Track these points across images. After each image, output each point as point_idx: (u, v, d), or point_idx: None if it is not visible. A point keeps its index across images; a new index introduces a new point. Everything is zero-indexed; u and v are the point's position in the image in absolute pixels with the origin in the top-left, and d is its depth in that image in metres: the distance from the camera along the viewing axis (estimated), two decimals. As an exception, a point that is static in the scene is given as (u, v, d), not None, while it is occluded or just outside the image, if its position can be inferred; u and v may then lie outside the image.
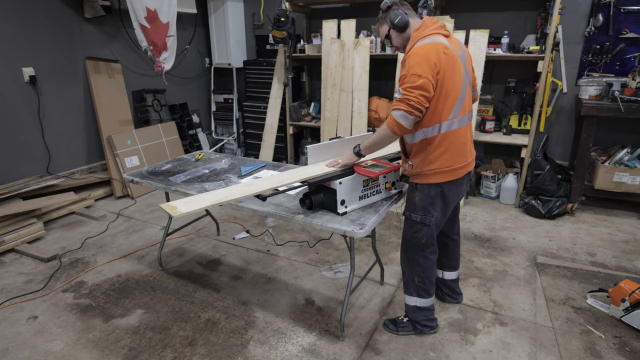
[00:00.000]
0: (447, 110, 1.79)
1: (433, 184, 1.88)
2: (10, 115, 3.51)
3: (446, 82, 1.75)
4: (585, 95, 3.34)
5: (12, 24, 3.44)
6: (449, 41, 1.82)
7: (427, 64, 1.69)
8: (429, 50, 1.72)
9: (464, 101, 1.85)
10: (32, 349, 2.08)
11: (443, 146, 1.82)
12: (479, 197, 3.96)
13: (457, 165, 1.87)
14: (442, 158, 1.84)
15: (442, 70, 1.72)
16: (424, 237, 1.97)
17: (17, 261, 2.93)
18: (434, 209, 1.93)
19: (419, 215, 1.94)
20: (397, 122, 1.74)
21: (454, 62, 1.78)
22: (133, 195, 4.07)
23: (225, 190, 1.96)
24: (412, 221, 1.98)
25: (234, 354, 2.03)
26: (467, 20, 3.96)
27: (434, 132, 1.81)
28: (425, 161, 1.86)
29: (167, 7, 3.73)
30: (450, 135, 1.82)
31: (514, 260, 2.84)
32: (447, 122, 1.80)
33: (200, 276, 2.72)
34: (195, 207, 1.78)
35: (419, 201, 1.93)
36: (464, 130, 1.88)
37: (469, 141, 1.94)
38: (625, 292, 2.17)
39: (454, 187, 1.93)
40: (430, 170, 1.86)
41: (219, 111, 5.42)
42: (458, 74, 1.80)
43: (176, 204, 1.82)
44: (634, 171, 3.25)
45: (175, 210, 1.76)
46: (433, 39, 1.76)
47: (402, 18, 1.84)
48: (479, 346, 2.06)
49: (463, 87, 1.83)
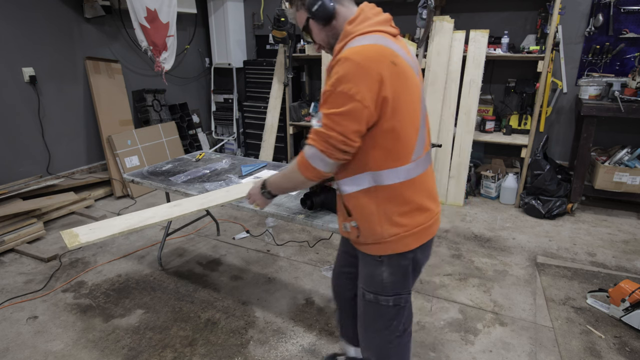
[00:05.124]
0: (409, 148, 1.22)
1: (404, 253, 1.32)
2: (10, 115, 3.51)
3: (402, 108, 1.17)
4: (585, 95, 3.34)
5: (12, 24, 3.44)
6: (398, 43, 1.22)
7: (367, 78, 1.10)
8: (371, 56, 1.11)
9: (426, 132, 1.31)
10: (32, 349, 2.08)
11: (407, 199, 1.27)
12: (479, 197, 3.96)
13: (428, 222, 1.32)
14: (409, 215, 1.28)
15: (392, 91, 1.13)
16: (400, 323, 1.42)
17: (17, 261, 2.93)
18: (410, 281, 1.40)
19: (390, 297, 1.37)
20: (310, 166, 1.21)
21: (407, 77, 1.19)
22: (133, 196, 4.07)
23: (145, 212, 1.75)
24: (381, 306, 1.39)
25: (234, 354, 2.03)
26: (467, 20, 3.96)
27: (392, 178, 1.23)
28: (381, 223, 1.27)
29: (167, 7, 3.73)
30: (416, 183, 1.27)
31: (514, 260, 2.84)
32: (412, 165, 1.24)
33: (200, 276, 2.72)
34: (101, 235, 1.56)
35: (389, 278, 1.35)
36: (430, 170, 1.35)
37: (435, 183, 1.41)
38: (625, 292, 2.17)
39: (428, 246, 1.40)
40: (394, 235, 1.28)
41: (219, 111, 5.42)
42: (415, 93, 1.23)
43: (79, 230, 1.60)
44: (634, 171, 3.25)
45: (75, 240, 1.53)
46: (376, 40, 1.16)
47: (323, 4, 1.21)
48: (479, 346, 2.06)
49: (422, 111, 1.28)
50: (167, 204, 1.89)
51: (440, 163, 3.77)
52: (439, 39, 3.63)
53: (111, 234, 1.58)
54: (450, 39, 3.61)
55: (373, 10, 1.24)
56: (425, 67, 3.73)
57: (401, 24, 4.26)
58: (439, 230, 3.29)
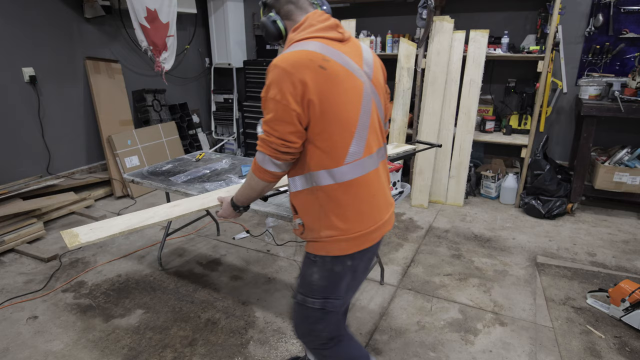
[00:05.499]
0: (341, 150, 1.22)
1: (338, 257, 1.30)
2: (10, 115, 3.51)
3: (332, 111, 1.19)
4: (585, 95, 3.34)
5: (12, 24, 3.44)
6: (340, 48, 1.25)
7: (288, 82, 1.14)
8: (296, 61, 1.16)
9: (368, 135, 1.28)
10: (33, 349, 2.08)
11: (343, 201, 1.26)
12: (479, 197, 3.96)
13: (367, 229, 1.30)
14: (343, 219, 1.26)
15: (318, 94, 1.16)
16: (325, 329, 1.41)
17: (17, 261, 2.93)
18: (342, 288, 1.36)
19: (317, 299, 1.36)
20: (263, 169, 1.25)
21: (341, 79, 1.21)
22: (133, 196, 4.07)
23: (145, 213, 1.74)
24: (307, 308, 1.38)
25: (234, 354, 2.03)
26: (467, 20, 3.96)
27: (325, 180, 1.24)
28: (320, 223, 1.28)
29: (167, 7, 3.73)
30: (352, 186, 1.26)
31: (514, 260, 2.84)
32: (345, 168, 1.23)
33: (200, 276, 2.72)
34: (101, 235, 1.57)
35: (319, 280, 1.34)
36: (373, 175, 1.31)
37: (383, 190, 1.36)
38: (625, 292, 2.17)
39: (367, 256, 1.37)
40: (330, 237, 1.28)
41: (219, 111, 5.42)
42: (352, 96, 1.23)
43: (80, 230, 1.59)
44: (634, 171, 3.25)
45: (75, 239, 1.52)
46: (307, 46, 1.20)
47: (268, 27, 1.33)
48: (479, 346, 2.06)
49: (364, 113, 1.26)
50: (167, 204, 1.89)
51: (440, 163, 3.77)
52: (439, 39, 3.63)
53: (111, 234, 1.58)
54: (450, 39, 3.61)
55: (319, 18, 1.28)
56: (425, 67, 3.73)
57: (401, 24, 4.28)
58: (439, 230, 3.29)
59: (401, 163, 2.08)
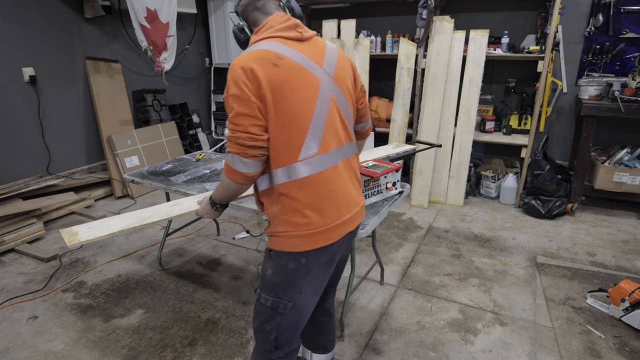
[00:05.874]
0: (294, 147, 1.23)
1: (292, 253, 1.29)
2: (11, 115, 3.51)
3: (285, 107, 1.20)
4: (585, 95, 3.35)
5: (12, 24, 3.44)
6: (297, 47, 1.27)
7: (243, 79, 1.18)
8: (249, 59, 1.20)
9: (324, 132, 1.27)
10: (33, 349, 2.08)
11: (297, 198, 1.26)
12: (479, 197, 3.96)
13: (322, 227, 1.28)
14: (298, 215, 1.26)
15: (271, 90, 1.18)
16: (273, 331, 1.37)
17: (17, 261, 2.93)
18: (294, 289, 1.34)
19: (269, 297, 1.35)
20: (234, 170, 1.24)
21: (295, 76, 1.22)
22: (133, 196, 4.07)
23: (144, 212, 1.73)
24: (261, 304, 1.38)
25: (234, 354, 2.03)
26: (467, 20, 3.96)
27: (280, 178, 1.26)
28: (278, 218, 1.30)
29: (167, 7, 3.73)
30: (306, 183, 1.25)
31: (514, 260, 2.84)
32: (298, 165, 1.24)
33: (200, 276, 2.72)
34: (100, 234, 1.57)
35: (272, 276, 1.34)
36: (331, 173, 1.29)
37: (344, 188, 1.34)
38: (625, 292, 2.17)
39: (325, 256, 1.34)
40: (284, 232, 1.28)
41: (219, 111, 5.42)
42: (306, 93, 1.24)
43: (79, 229, 1.59)
44: (634, 171, 3.25)
45: (74, 238, 1.52)
46: (263, 45, 1.24)
47: (237, 35, 1.40)
48: (478, 346, 2.07)
49: (319, 111, 1.26)
50: (167, 203, 1.89)
51: (440, 163, 3.78)
52: (439, 39, 3.64)
53: (110, 232, 1.59)
54: (450, 39, 3.61)
55: (279, 20, 1.30)
56: (425, 67, 3.73)
57: (401, 24, 4.29)
58: (439, 230, 3.29)
59: (401, 163, 2.09)
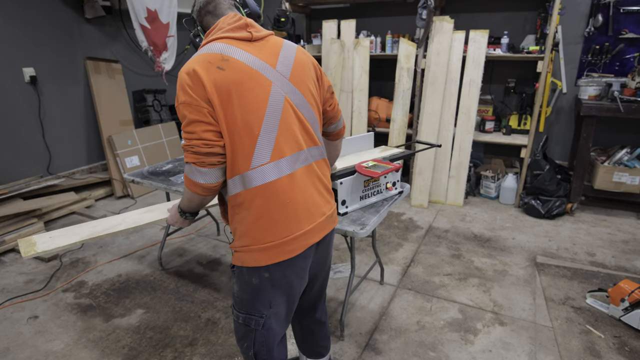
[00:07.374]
0: (246, 155, 1.17)
1: (254, 268, 1.24)
2: (11, 115, 3.51)
3: (230, 112, 1.14)
4: (585, 95, 3.35)
5: (13, 24, 3.44)
6: (246, 47, 1.20)
7: (190, 85, 1.13)
8: (193, 65, 1.15)
9: (277, 137, 1.20)
10: (33, 349, 2.09)
11: (252, 209, 1.20)
12: (479, 197, 3.97)
13: (279, 239, 1.21)
14: (254, 228, 1.21)
15: (217, 94, 1.13)
16: (250, 349, 1.35)
17: (18, 261, 2.93)
18: (263, 304, 1.29)
19: (240, 313, 1.32)
20: (192, 181, 1.19)
21: (242, 79, 1.16)
22: (133, 195, 4.07)
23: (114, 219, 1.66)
24: (234, 321, 1.37)
25: (234, 354, 2.03)
26: (467, 20, 3.97)
27: (237, 187, 1.20)
28: (237, 232, 1.25)
29: (167, 7, 3.74)
30: (260, 193, 1.18)
31: (513, 260, 2.85)
32: (251, 173, 1.17)
33: (200, 276, 2.72)
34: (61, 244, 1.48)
35: (239, 293, 1.31)
36: (287, 181, 1.21)
37: (305, 197, 1.25)
38: (624, 292, 2.18)
39: (290, 269, 1.27)
40: (244, 246, 1.23)
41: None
42: (255, 96, 1.17)
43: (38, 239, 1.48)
44: (634, 171, 3.25)
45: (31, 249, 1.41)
46: (208, 48, 1.19)
47: (193, 41, 1.39)
48: (478, 346, 2.07)
49: (271, 115, 1.19)
50: (137, 210, 1.83)
51: (440, 163, 3.78)
52: (438, 39, 3.64)
53: (71, 242, 1.51)
54: (450, 39, 3.61)
55: (229, 20, 1.24)
56: (425, 67, 3.73)
57: (401, 24, 4.29)
58: (439, 230, 3.29)
59: (401, 163, 2.09)
